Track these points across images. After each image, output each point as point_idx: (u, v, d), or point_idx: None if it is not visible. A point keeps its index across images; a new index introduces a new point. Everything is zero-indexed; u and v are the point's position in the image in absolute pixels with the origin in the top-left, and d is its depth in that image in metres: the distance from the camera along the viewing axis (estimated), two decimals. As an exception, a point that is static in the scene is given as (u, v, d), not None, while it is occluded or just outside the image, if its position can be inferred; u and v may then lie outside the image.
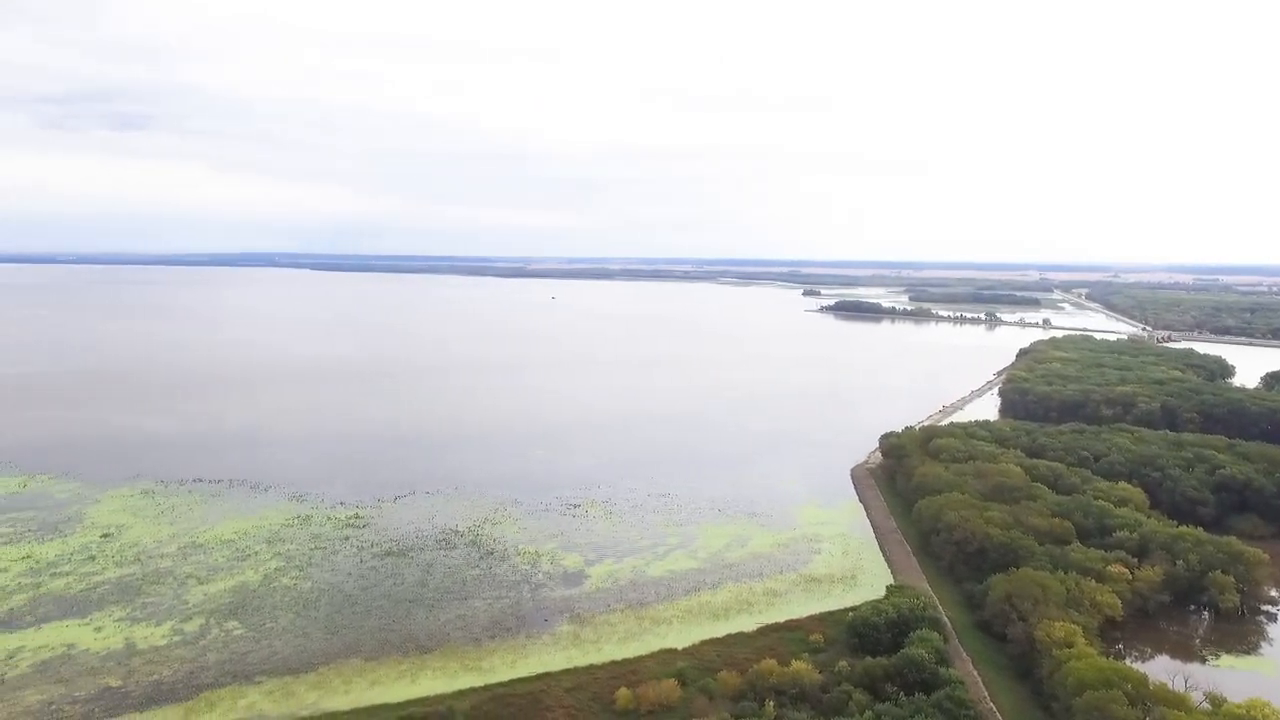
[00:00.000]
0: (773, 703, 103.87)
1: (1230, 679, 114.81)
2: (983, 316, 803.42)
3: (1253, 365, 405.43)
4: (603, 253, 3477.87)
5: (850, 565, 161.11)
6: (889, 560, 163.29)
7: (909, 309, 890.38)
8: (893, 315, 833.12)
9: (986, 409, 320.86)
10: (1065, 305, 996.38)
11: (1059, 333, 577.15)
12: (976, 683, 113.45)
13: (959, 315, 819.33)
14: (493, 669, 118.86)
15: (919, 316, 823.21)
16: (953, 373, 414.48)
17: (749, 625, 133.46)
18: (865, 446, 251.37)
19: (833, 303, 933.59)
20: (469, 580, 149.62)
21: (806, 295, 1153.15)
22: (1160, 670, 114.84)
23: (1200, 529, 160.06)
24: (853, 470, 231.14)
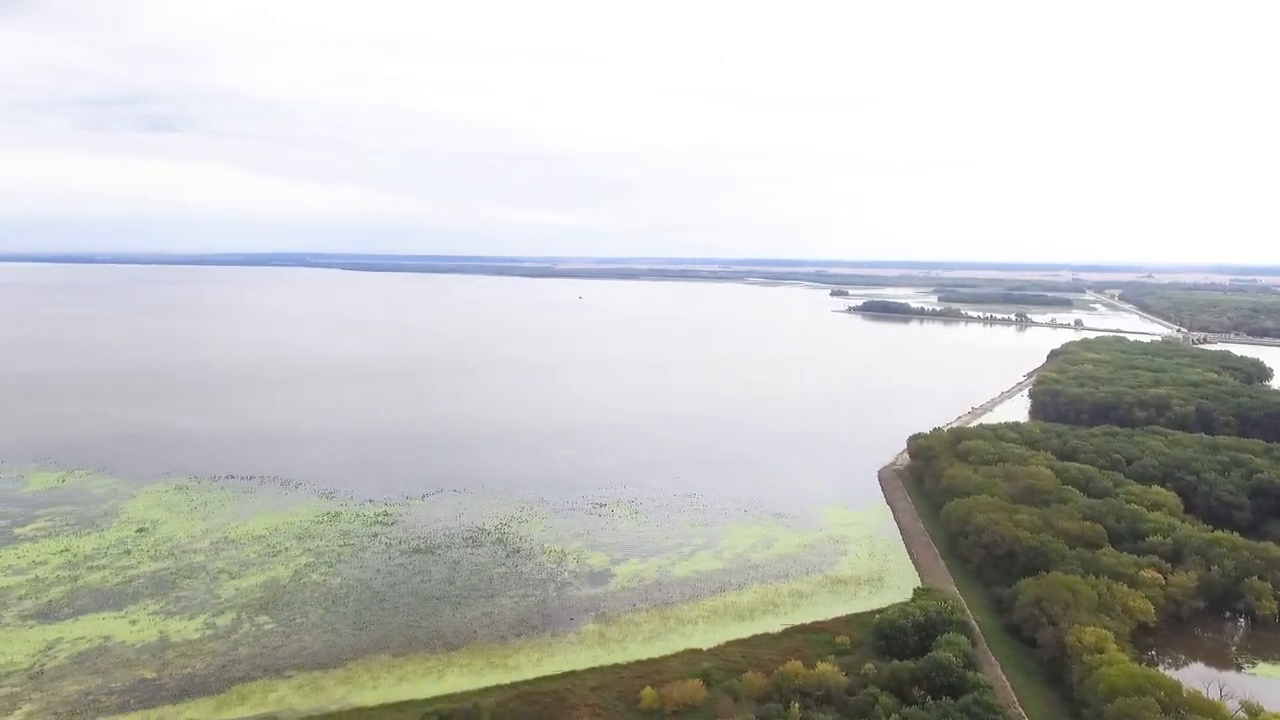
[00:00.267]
0: (798, 705, 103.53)
1: (1267, 688, 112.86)
2: (1013, 317, 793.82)
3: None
4: (630, 253, 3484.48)
5: (877, 567, 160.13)
6: (916, 563, 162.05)
7: (938, 309, 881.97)
8: (921, 316, 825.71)
9: (1016, 411, 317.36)
10: (1098, 306, 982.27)
11: (1091, 334, 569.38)
12: (1005, 687, 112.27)
13: (989, 316, 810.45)
14: (518, 667, 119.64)
15: (948, 317, 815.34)
16: (982, 374, 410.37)
17: (774, 626, 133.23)
18: (892, 448, 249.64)
19: (860, 303, 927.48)
20: (495, 578, 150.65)
21: (834, 295, 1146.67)
22: (1194, 678, 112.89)
23: (1236, 534, 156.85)
24: (880, 472, 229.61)
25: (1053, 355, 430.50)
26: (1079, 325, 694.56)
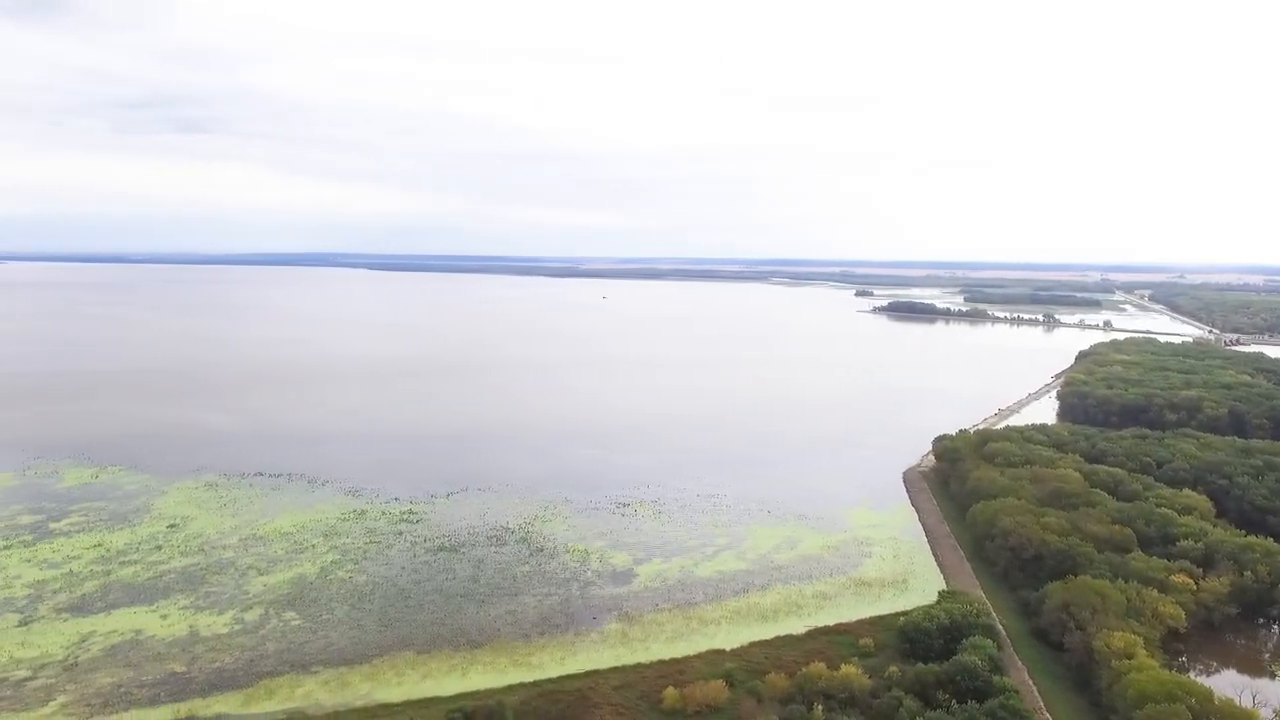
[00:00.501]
0: (821, 707, 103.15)
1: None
2: (1040, 318, 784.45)
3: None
4: (653, 253, 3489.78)
5: (901, 569, 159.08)
6: (941, 565, 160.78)
7: (964, 310, 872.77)
8: (947, 316, 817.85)
9: (1044, 413, 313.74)
10: (1127, 307, 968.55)
11: (1120, 335, 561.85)
12: (1032, 692, 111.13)
13: (1016, 316, 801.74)
14: (541, 665, 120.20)
15: (974, 318, 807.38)
16: (1009, 375, 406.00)
17: (798, 628, 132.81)
18: (917, 449, 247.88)
19: (886, 303, 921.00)
20: (519, 577, 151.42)
21: (859, 296, 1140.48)
22: (1226, 685, 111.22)
23: (1270, 539, 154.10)
24: (905, 473, 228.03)
25: (1081, 356, 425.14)
26: (1108, 326, 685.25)
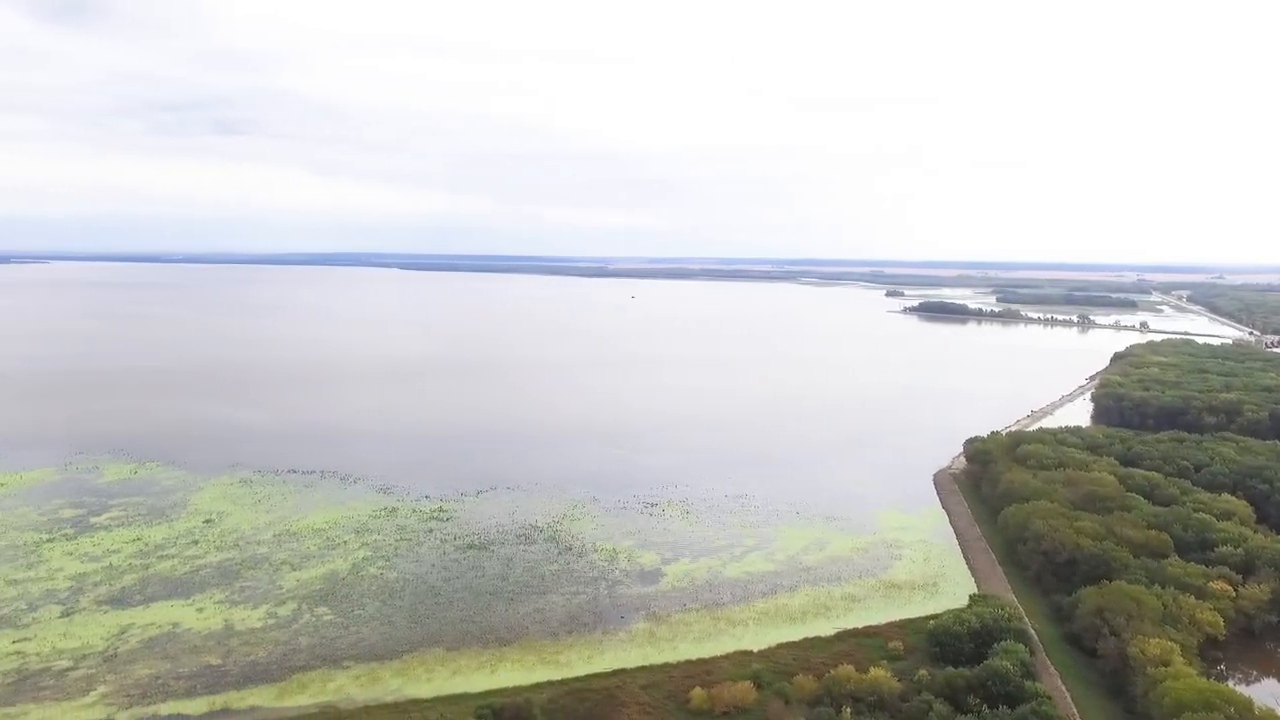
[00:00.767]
0: (850, 709, 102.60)
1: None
2: (1075, 319, 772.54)
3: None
4: (682, 252, 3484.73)
5: (932, 572, 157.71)
6: (972, 568, 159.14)
7: (996, 310, 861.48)
8: (979, 317, 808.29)
9: (1078, 415, 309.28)
10: (1164, 308, 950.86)
11: (1157, 336, 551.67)
12: (1064, 698, 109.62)
13: (1049, 317, 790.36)
14: (569, 663, 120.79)
15: (1007, 318, 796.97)
16: (1042, 377, 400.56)
17: (826, 630, 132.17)
18: (948, 451, 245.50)
19: (916, 303, 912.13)
20: (547, 575, 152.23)
21: (889, 296, 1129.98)
22: (1266, 694, 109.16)
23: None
24: (935, 475, 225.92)
25: (1116, 358, 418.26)
26: (1144, 327, 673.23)
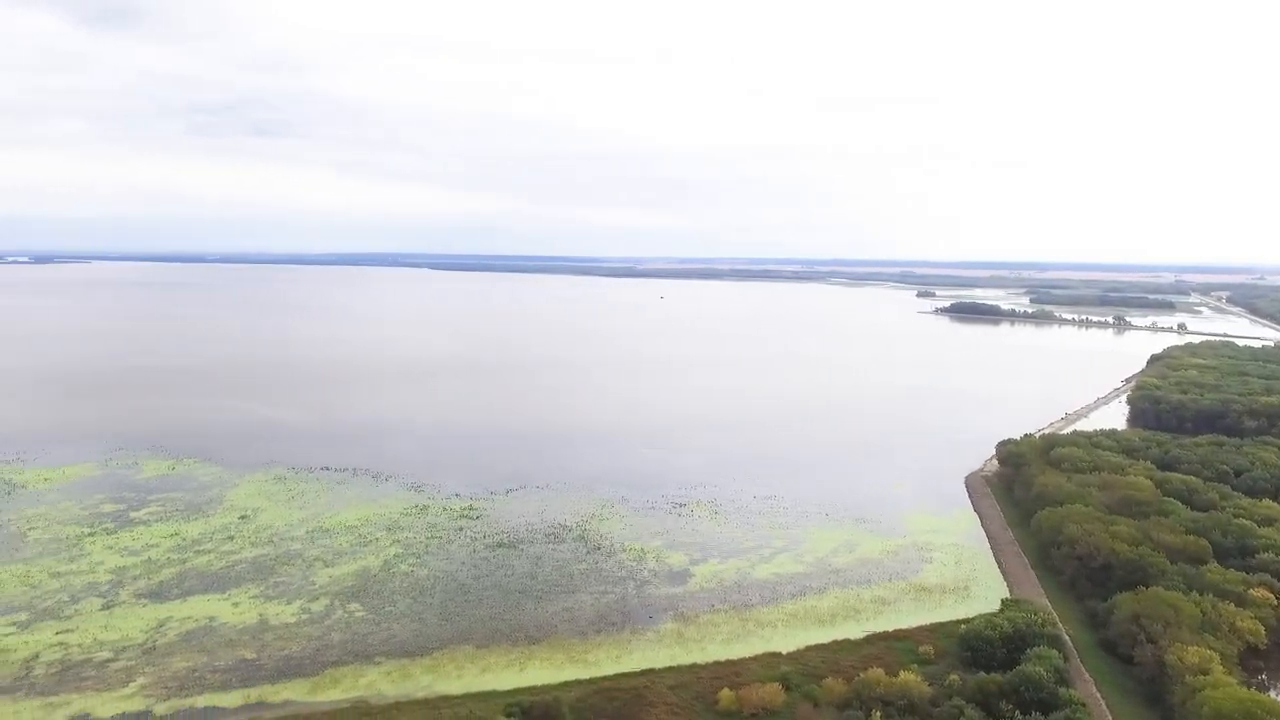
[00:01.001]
0: (880, 713, 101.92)
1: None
2: (1110, 320, 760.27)
3: None
4: (711, 253, 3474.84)
5: (963, 576, 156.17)
6: (1005, 572, 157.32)
7: (1030, 311, 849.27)
8: (1012, 318, 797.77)
9: (1113, 418, 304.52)
10: (1203, 309, 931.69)
11: (1196, 338, 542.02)
12: (1099, 705, 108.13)
13: (1084, 318, 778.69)
14: (598, 662, 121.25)
15: (1040, 319, 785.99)
16: (1076, 379, 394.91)
17: (856, 633, 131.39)
18: (981, 453, 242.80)
19: (948, 304, 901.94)
20: (576, 574, 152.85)
21: (920, 297, 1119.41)
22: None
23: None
24: (967, 478, 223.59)
25: (1153, 360, 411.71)
26: (1182, 329, 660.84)
